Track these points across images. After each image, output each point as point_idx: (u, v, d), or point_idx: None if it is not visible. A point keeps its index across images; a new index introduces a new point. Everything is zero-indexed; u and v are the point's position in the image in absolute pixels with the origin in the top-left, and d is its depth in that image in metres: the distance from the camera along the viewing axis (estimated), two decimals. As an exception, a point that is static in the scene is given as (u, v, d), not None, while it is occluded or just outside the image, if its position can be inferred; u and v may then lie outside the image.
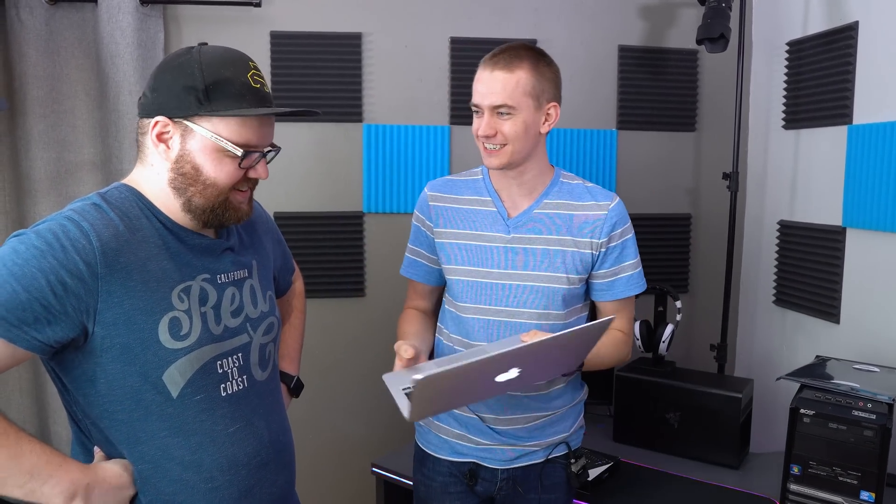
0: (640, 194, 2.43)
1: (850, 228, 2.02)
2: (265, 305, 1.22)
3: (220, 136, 1.04)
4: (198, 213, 1.08)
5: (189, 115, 1.03)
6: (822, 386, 1.60)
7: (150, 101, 1.06)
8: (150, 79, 1.09)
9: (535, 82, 1.37)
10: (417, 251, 1.57)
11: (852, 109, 2.00)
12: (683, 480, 1.83)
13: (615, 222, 1.44)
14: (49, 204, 2.08)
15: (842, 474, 1.49)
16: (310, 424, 2.33)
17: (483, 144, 1.41)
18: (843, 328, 2.05)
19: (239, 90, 1.05)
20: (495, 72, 1.36)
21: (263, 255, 1.28)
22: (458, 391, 1.17)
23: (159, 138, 1.06)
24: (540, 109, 1.39)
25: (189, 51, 1.07)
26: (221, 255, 1.15)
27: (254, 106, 1.06)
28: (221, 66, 1.05)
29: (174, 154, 1.06)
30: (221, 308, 1.12)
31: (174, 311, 1.04)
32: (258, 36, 2.21)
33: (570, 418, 1.54)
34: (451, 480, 1.53)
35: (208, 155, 1.05)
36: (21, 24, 2.00)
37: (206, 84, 1.03)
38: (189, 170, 1.06)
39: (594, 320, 1.21)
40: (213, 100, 1.03)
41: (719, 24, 2.03)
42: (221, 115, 1.03)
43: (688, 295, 2.52)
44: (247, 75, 1.06)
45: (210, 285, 1.11)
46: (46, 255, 0.95)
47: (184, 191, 1.07)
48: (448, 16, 2.30)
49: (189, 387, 1.05)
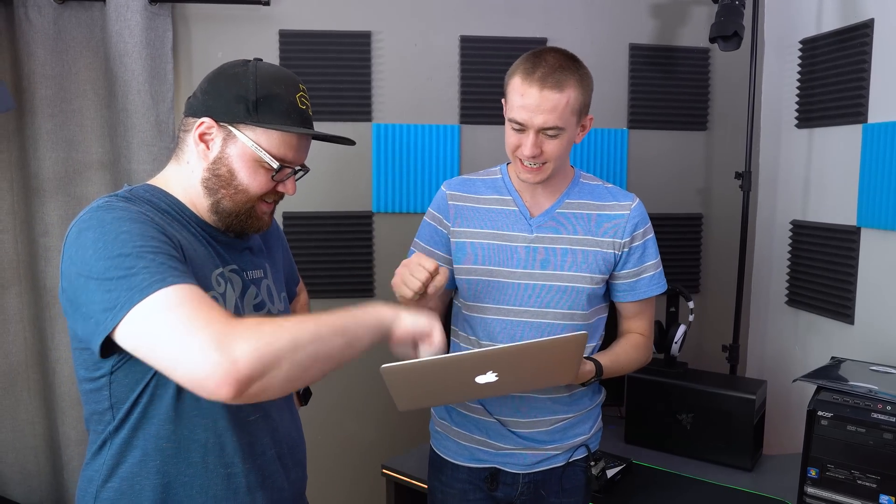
0: (652, 194, 2.40)
1: (865, 228, 1.99)
2: (281, 305, 1.27)
3: (259, 147, 1.08)
4: (223, 216, 1.12)
5: (235, 122, 1.08)
6: (840, 388, 1.57)
7: (200, 102, 1.11)
8: (203, 82, 1.13)
9: (582, 98, 1.34)
10: (431, 251, 1.54)
11: (867, 108, 1.97)
12: (696, 482, 1.81)
13: (637, 222, 1.43)
14: (57, 204, 2.08)
15: (860, 478, 1.47)
16: (320, 426, 2.31)
17: (521, 161, 1.37)
18: (858, 329, 2.03)
19: (286, 108, 1.10)
20: (545, 91, 1.29)
21: (275, 261, 1.32)
22: (438, 386, 1.17)
23: (201, 138, 1.09)
24: (580, 123, 1.38)
25: (246, 63, 1.12)
26: (242, 253, 1.19)
27: (297, 125, 1.11)
28: (274, 83, 1.10)
29: (213, 155, 1.10)
30: (246, 299, 1.15)
31: (213, 292, 1.06)
32: (267, 35, 2.20)
33: (589, 420, 1.52)
34: (469, 487, 1.51)
35: (245, 162, 1.09)
36: (29, 23, 1.99)
37: (257, 96, 1.08)
38: (224, 172, 1.10)
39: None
40: (261, 112, 1.08)
41: (733, 21, 2.01)
42: (266, 127, 1.08)
43: (699, 295, 2.50)
44: (295, 96, 1.12)
45: (238, 276, 1.14)
46: (145, 230, 0.96)
47: (215, 192, 1.11)
48: (458, 14, 2.28)
49: None
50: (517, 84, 1.32)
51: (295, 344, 0.91)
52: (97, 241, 0.93)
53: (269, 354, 0.88)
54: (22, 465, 2.19)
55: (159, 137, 2.08)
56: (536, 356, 1.17)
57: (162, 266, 0.91)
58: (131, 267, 0.90)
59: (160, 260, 0.92)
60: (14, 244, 2.12)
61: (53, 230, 2.08)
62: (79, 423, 2.12)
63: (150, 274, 0.90)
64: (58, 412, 2.15)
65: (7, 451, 2.17)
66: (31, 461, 2.20)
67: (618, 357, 1.44)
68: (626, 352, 1.46)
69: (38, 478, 2.21)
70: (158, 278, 0.90)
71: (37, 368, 2.17)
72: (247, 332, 0.88)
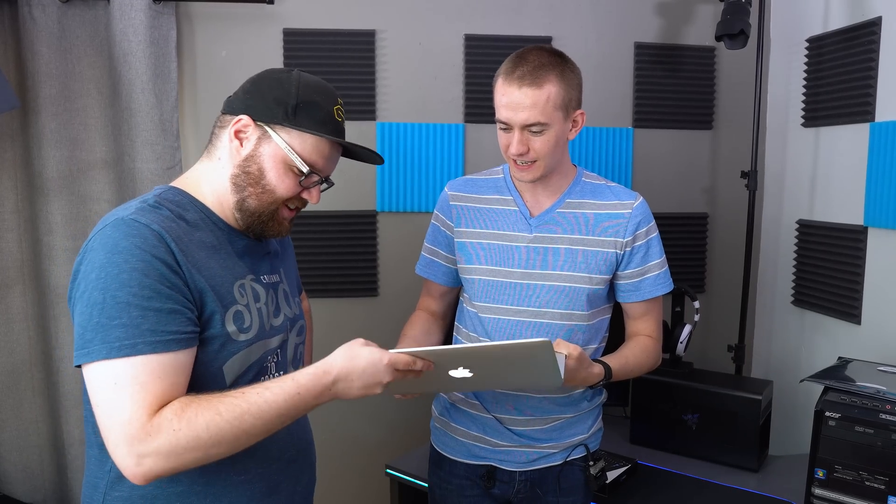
0: (657, 193, 2.39)
1: (872, 228, 1.98)
2: (297, 308, 1.28)
3: (292, 149, 1.10)
4: (246, 215, 1.13)
5: (272, 122, 1.10)
6: (848, 388, 1.56)
7: (240, 101, 1.13)
8: (246, 82, 1.15)
9: (564, 93, 1.32)
10: (435, 251, 1.55)
11: (874, 106, 1.96)
12: (702, 483, 1.80)
13: (640, 221, 1.42)
14: (61, 203, 2.08)
15: (869, 479, 1.46)
16: (324, 426, 2.29)
17: (514, 160, 1.37)
18: (865, 329, 2.01)
19: (323, 117, 1.12)
20: (524, 88, 1.29)
21: (288, 266, 1.34)
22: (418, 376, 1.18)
23: (237, 135, 1.10)
24: (568, 119, 1.36)
25: (291, 70, 1.15)
26: (263, 259, 1.20)
27: (331, 135, 1.13)
28: (315, 92, 1.12)
29: (245, 152, 1.11)
30: (268, 306, 1.16)
31: (237, 305, 1.08)
32: (271, 33, 2.19)
33: (588, 420, 1.51)
34: (467, 483, 1.51)
35: (276, 163, 1.10)
36: (33, 22, 1.99)
37: (297, 101, 1.10)
38: (255, 170, 1.11)
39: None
40: (299, 116, 1.10)
41: (739, 20, 2.00)
42: (301, 131, 1.10)
43: (705, 295, 2.49)
44: (334, 108, 1.14)
45: (258, 284, 1.16)
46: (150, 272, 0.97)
47: (243, 189, 1.11)
48: (462, 13, 2.27)
49: (242, 377, 1.08)
50: (500, 85, 1.34)
51: (218, 442, 0.95)
52: (102, 269, 0.96)
53: (178, 465, 0.95)
54: (26, 465, 2.19)
55: (163, 136, 2.08)
56: (503, 358, 1.16)
57: (139, 328, 0.95)
58: (113, 318, 0.94)
59: (145, 317, 0.95)
60: (18, 243, 2.12)
61: (57, 229, 2.08)
62: (82, 423, 2.12)
63: (126, 333, 0.94)
64: (61, 411, 2.14)
65: (11, 451, 2.17)
66: (34, 460, 2.20)
67: (627, 360, 1.43)
68: (636, 355, 1.45)
69: (41, 477, 2.21)
70: (129, 343, 0.94)
71: (41, 367, 2.17)
72: (160, 442, 0.92)
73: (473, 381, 1.18)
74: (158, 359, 0.95)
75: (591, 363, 1.33)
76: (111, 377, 0.94)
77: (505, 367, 1.19)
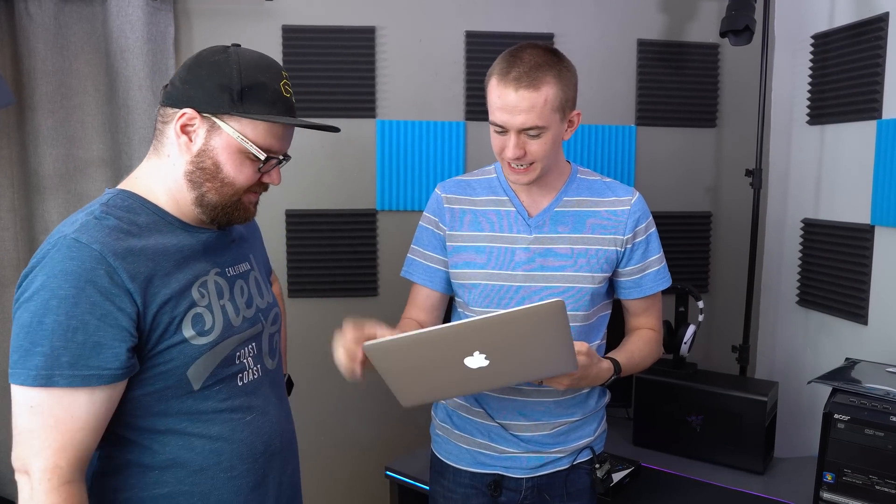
0: (660, 191, 2.37)
1: (879, 226, 1.95)
2: (269, 296, 1.25)
3: (245, 138, 1.05)
4: (209, 209, 1.09)
5: (219, 113, 1.04)
6: (856, 390, 1.54)
7: (180, 92, 1.06)
8: (181, 69, 1.09)
9: (562, 94, 1.28)
10: (425, 253, 1.48)
11: (882, 103, 1.93)
12: (706, 486, 1.77)
13: (638, 217, 1.40)
14: (58, 201, 2.06)
15: (878, 483, 1.43)
16: (322, 427, 2.28)
17: (509, 163, 1.33)
18: (871, 329, 1.98)
19: (271, 97, 1.06)
20: (520, 90, 1.24)
21: (257, 251, 1.31)
22: (428, 368, 1.15)
23: (183, 130, 1.05)
24: (565, 120, 1.32)
25: (226, 49, 1.07)
26: (228, 248, 1.17)
27: (282, 114, 1.08)
28: (258, 71, 1.06)
29: (196, 148, 1.06)
30: (235, 300, 1.13)
31: (196, 308, 1.05)
32: (269, 30, 2.17)
33: (593, 422, 1.49)
34: (472, 492, 1.47)
35: (231, 155, 1.06)
36: (30, 19, 1.97)
37: (242, 85, 1.04)
38: (209, 165, 1.06)
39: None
40: (247, 102, 1.04)
41: (744, 16, 1.97)
42: (252, 118, 1.04)
43: (708, 295, 2.46)
44: (280, 83, 1.08)
45: (222, 279, 1.12)
46: (80, 300, 0.95)
47: (200, 185, 1.07)
48: (463, 9, 2.25)
49: (210, 379, 1.06)
50: (494, 86, 1.28)
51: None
52: (36, 291, 0.95)
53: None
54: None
55: (161, 134, 2.06)
56: (516, 329, 1.11)
57: (58, 360, 0.93)
58: (36, 343, 0.93)
59: (67, 349, 0.93)
60: (14, 242, 2.09)
61: (54, 227, 2.05)
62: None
63: (44, 363, 0.93)
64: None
65: (6, 452, 2.14)
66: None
67: (632, 354, 1.41)
68: (640, 348, 1.43)
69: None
70: (45, 374, 0.93)
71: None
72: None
73: (491, 374, 1.14)
74: (74, 394, 0.94)
75: (599, 359, 1.31)
76: (28, 402, 0.94)
77: (519, 345, 1.14)
